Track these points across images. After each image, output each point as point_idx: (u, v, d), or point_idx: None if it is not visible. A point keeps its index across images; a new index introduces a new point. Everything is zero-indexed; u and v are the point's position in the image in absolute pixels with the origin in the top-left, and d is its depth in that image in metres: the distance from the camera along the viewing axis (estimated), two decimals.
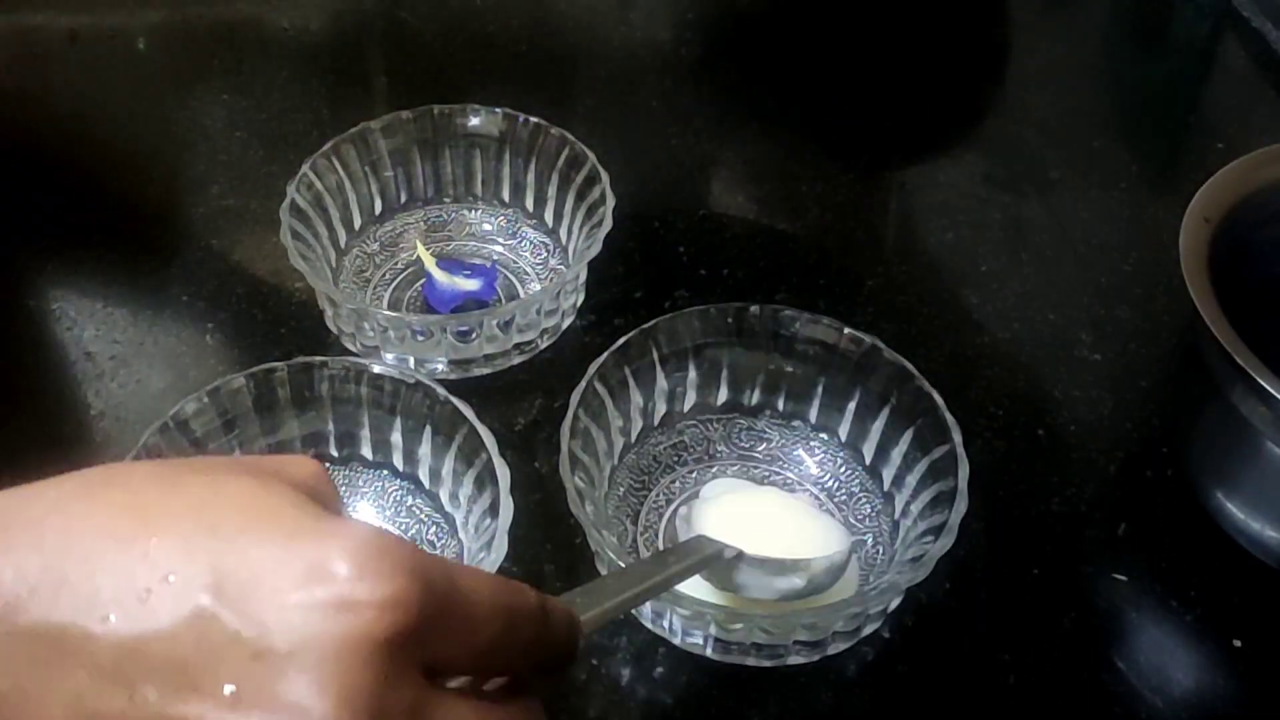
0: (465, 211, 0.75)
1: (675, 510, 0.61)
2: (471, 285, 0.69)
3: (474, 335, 0.65)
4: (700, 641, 0.55)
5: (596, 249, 0.65)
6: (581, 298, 0.69)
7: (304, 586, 0.31)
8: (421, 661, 0.33)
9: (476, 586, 0.35)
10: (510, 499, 0.54)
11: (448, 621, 0.33)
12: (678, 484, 0.62)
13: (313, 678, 0.31)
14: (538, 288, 0.71)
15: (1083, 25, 0.92)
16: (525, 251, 0.73)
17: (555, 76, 0.85)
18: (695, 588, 0.54)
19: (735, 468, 0.63)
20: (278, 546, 0.32)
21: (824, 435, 0.63)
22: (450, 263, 0.71)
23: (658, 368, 0.61)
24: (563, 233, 0.72)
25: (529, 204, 0.73)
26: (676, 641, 0.56)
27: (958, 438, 0.56)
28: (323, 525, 0.33)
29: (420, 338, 0.65)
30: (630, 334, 0.60)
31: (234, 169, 0.78)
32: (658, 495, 0.62)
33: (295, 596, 0.31)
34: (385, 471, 0.61)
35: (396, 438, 0.60)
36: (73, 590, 0.31)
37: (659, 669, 0.56)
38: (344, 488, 0.61)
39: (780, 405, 0.64)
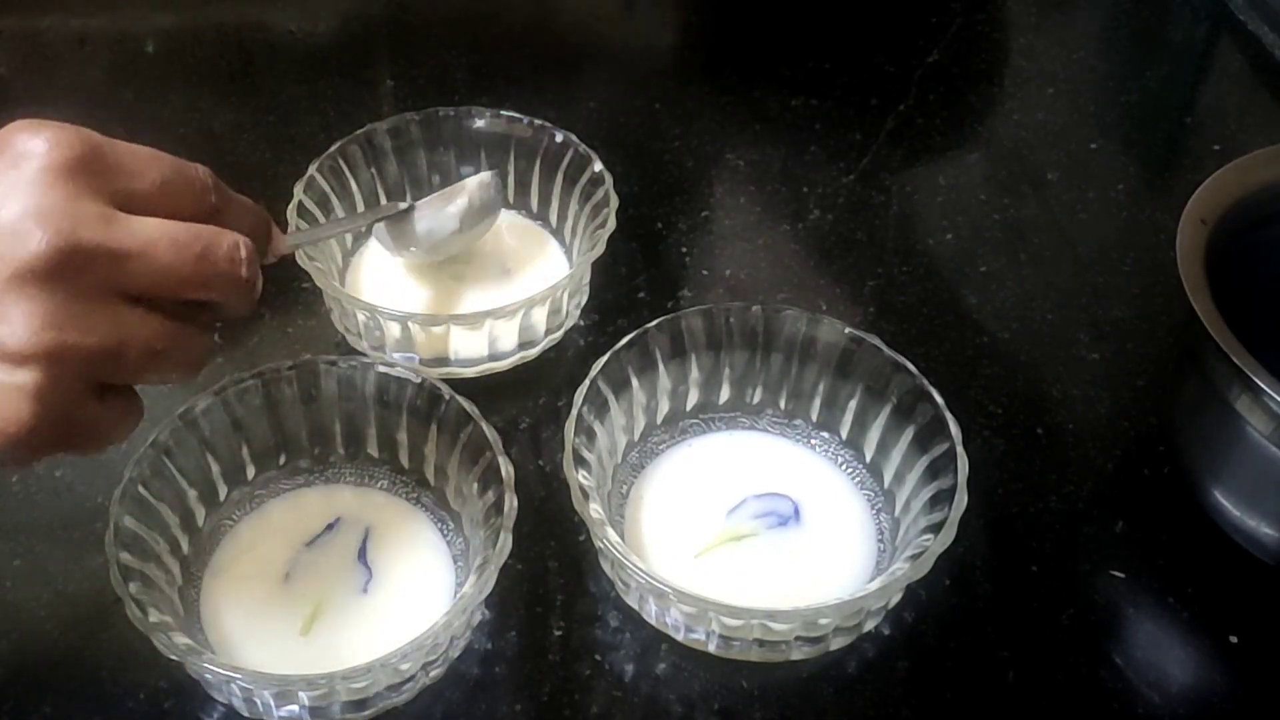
0: None
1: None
2: None
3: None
4: (703, 638, 0.56)
5: (600, 250, 0.66)
6: (585, 298, 0.70)
7: None
8: (106, 191, 0.42)
9: (136, 150, 0.44)
10: (514, 496, 0.54)
11: (115, 158, 0.43)
12: None
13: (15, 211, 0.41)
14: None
15: (1080, 28, 0.93)
16: None
17: (559, 79, 0.86)
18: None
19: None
20: None
21: (825, 434, 0.64)
22: None
23: (660, 367, 0.62)
24: (566, 233, 0.72)
25: (533, 205, 0.74)
26: (679, 638, 0.56)
27: (957, 436, 0.57)
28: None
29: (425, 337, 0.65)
30: (633, 333, 0.61)
31: (241, 170, 0.78)
32: None
33: None
34: (391, 469, 0.61)
35: (402, 436, 0.60)
36: None
37: (661, 665, 0.57)
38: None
39: (782, 404, 0.64)
